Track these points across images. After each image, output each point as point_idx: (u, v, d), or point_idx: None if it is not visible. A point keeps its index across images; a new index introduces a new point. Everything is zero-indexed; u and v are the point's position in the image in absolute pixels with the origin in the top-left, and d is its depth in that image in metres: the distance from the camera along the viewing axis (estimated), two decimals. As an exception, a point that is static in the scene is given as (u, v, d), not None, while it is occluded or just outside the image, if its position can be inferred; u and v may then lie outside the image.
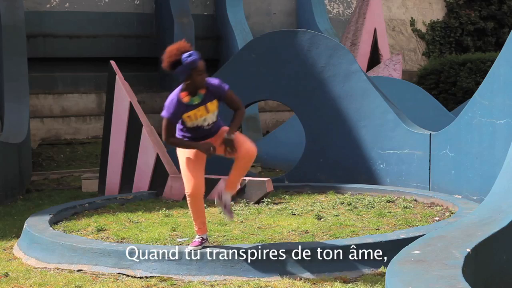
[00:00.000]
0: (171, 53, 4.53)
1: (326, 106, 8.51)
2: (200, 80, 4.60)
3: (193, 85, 4.59)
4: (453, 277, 2.97)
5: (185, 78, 4.56)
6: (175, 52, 4.52)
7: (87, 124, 13.76)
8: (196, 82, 4.59)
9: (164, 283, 4.58)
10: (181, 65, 4.51)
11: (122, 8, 15.47)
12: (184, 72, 4.53)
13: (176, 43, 4.60)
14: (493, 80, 6.37)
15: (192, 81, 4.57)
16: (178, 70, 4.52)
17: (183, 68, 4.51)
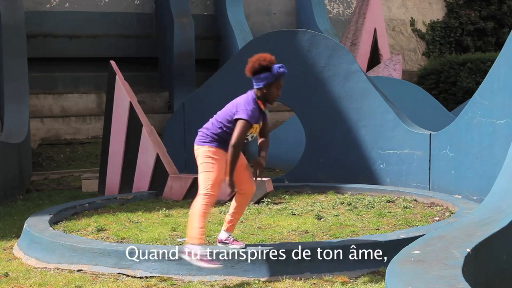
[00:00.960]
0: (265, 57, 4.63)
1: (326, 106, 8.51)
2: (276, 94, 4.67)
3: (268, 96, 4.64)
4: (453, 277, 2.97)
5: (264, 87, 4.59)
6: (268, 59, 4.63)
7: (87, 124, 13.76)
8: (272, 94, 4.64)
9: (164, 283, 4.58)
10: (270, 72, 4.59)
11: (122, 8, 15.47)
12: (269, 80, 4.58)
13: (264, 54, 4.69)
14: (493, 80, 6.37)
15: (268, 92, 4.62)
16: (264, 75, 4.58)
17: (271, 76, 4.58)
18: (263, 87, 4.60)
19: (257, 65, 4.60)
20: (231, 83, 9.29)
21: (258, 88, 4.62)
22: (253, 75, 4.64)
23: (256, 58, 4.63)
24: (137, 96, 10.40)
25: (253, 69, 4.62)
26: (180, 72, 14.49)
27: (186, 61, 14.55)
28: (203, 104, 9.65)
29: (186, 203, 7.48)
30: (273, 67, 4.61)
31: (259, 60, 4.61)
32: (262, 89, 4.61)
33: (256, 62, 4.62)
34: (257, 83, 4.62)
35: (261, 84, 4.60)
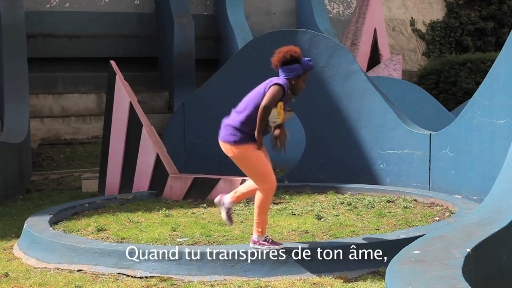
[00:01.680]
0: (296, 50, 4.72)
1: (326, 106, 8.51)
2: (301, 87, 4.78)
3: (294, 87, 4.74)
4: (453, 277, 2.97)
5: (293, 78, 4.69)
6: (299, 51, 4.73)
7: (87, 124, 13.75)
8: (298, 86, 4.75)
9: (164, 283, 4.58)
10: (300, 64, 4.68)
11: (122, 8, 15.47)
12: (297, 71, 4.68)
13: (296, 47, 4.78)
14: (493, 80, 6.37)
15: (296, 83, 4.73)
16: (294, 67, 4.67)
17: (299, 67, 4.68)
18: (292, 78, 4.70)
19: (289, 56, 4.68)
20: (231, 83, 9.29)
21: (287, 78, 4.70)
22: (282, 66, 4.71)
23: (287, 49, 4.72)
24: (137, 96, 10.39)
25: (284, 59, 4.70)
26: (180, 72, 14.49)
27: (186, 61, 14.55)
28: (203, 104, 9.65)
29: (186, 203, 7.49)
30: (303, 59, 4.71)
31: (291, 51, 4.70)
32: (290, 79, 4.70)
33: (287, 53, 4.69)
34: (286, 74, 4.70)
35: (290, 75, 4.69)
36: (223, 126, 4.84)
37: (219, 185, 7.66)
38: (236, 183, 7.49)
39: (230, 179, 7.64)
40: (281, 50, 4.73)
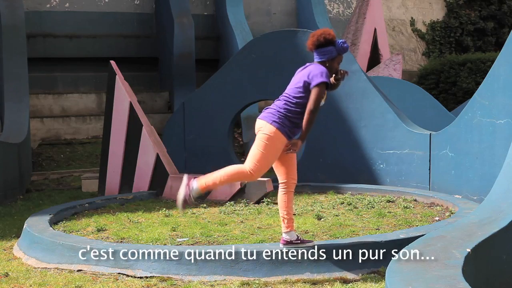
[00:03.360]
0: (329, 32, 4.71)
1: (326, 106, 8.48)
2: (336, 68, 4.77)
3: (328, 69, 4.71)
4: (453, 277, 2.97)
5: (327, 60, 4.69)
6: (332, 33, 4.72)
7: (87, 124, 13.75)
8: (333, 68, 4.74)
9: (164, 283, 4.58)
10: (334, 46, 4.68)
11: (122, 8, 15.46)
12: (333, 53, 4.68)
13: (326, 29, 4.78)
14: (493, 80, 6.37)
15: (331, 65, 4.72)
16: (329, 49, 4.68)
17: (333, 49, 4.68)
18: (326, 60, 4.70)
19: (322, 39, 4.68)
20: (231, 83, 9.29)
21: (321, 61, 4.71)
22: (316, 49, 4.71)
23: (321, 32, 4.72)
24: (137, 96, 10.39)
25: (318, 42, 4.69)
26: (180, 72, 14.48)
27: (186, 61, 14.54)
28: (203, 104, 9.65)
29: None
30: (337, 41, 4.70)
31: (324, 34, 4.70)
32: (325, 62, 4.71)
33: (321, 35, 4.69)
34: (321, 57, 4.71)
35: (324, 57, 4.70)
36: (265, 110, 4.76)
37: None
38: (236, 183, 7.48)
39: (230, 179, 7.63)
40: (315, 33, 4.73)
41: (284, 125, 4.59)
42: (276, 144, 4.58)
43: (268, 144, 4.57)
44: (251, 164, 4.60)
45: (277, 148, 4.60)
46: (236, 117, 9.57)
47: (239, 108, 9.36)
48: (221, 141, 9.41)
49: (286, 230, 4.70)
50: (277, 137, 4.57)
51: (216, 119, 9.49)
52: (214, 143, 9.47)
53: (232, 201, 7.36)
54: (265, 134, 4.58)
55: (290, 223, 4.70)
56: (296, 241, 4.70)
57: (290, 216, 4.71)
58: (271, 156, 4.60)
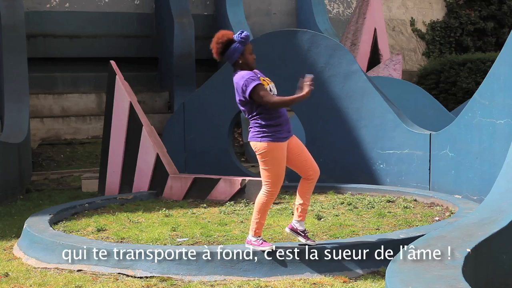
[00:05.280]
0: (221, 35, 4.65)
1: (326, 106, 8.51)
2: (252, 59, 4.74)
3: (245, 65, 4.70)
4: (453, 277, 2.97)
5: (238, 59, 4.66)
6: (225, 34, 4.65)
7: (87, 124, 13.75)
8: (249, 62, 4.72)
9: (164, 283, 4.58)
10: (234, 43, 4.61)
11: (122, 8, 15.46)
12: (237, 50, 4.62)
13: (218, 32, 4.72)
14: (493, 80, 6.37)
15: (244, 61, 4.69)
16: (232, 48, 4.62)
17: (237, 45, 4.62)
18: (237, 59, 4.66)
19: (220, 45, 4.63)
20: (231, 83, 9.27)
21: (235, 63, 4.68)
22: (223, 55, 4.67)
23: (215, 41, 4.65)
24: (137, 96, 10.38)
25: (218, 49, 4.65)
26: (180, 72, 14.48)
27: (186, 61, 14.54)
28: (203, 104, 9.65)
29: (186, 203, 7.49)
30: (235, 37, 4.64)
31: (218, 39, 4.64)
32: (237, 61, 4.67)
33: (218, 44, 4.64)
34: (231, 59, 4.67)
35: (234, 58, 4.66)
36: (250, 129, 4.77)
37: (219, 185, 7.66)
38: (236, 183, 7.49)
39: (230, 179, 7.64)
40: (212, 45, 4.67)
41: (270, 133, 4.60)
42: (275, 155, 4.60)
43: (268, 159, 4.60)
44: (264, 185, 4.66)
45: (279, 157, 4.60)
46: (236, 117, 9.57)
47: (239, 108, 9.34)
48: (221, 141, 9.41)
49: (298, 219, 4.76)
50: (271, 148, 4.59)
51: (216, 119, 9.48)
52: (214, 143, 9.47)
53: (232, 201, 7.36)
54: (261, 152, 4.62)
55: (303, 213, 4.77)
56: (302, 232, 4.74)
57: (305, 207, 4.76)
58: (277, 167, 4.61)
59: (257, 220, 4.68)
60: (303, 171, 4.75)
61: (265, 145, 4.59)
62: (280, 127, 4.62)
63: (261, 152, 4.61)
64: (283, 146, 4.63)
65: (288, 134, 4.67)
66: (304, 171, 4.75)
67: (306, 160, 4.75)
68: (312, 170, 4.74)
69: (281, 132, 4.62)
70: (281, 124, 4.64)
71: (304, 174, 4.76)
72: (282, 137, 4.62)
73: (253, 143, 4.68)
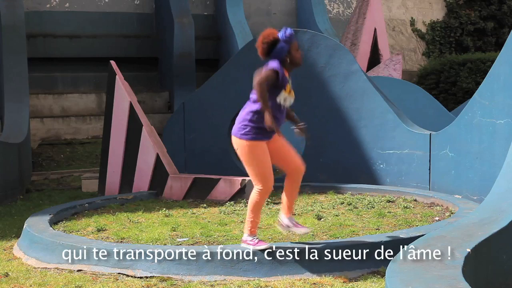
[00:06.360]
0: (267, 34, 4.63)
1: (326, 106, 8.51)
2: (298, 54, 4.68)
3: (293, 61, 4.66)
4: (453, 277, 2.97)
5: (285, 56, 4.61)
6: (270, 33, 4.63)
7: (87, 124, 13.75)
8: (295, 59, 4.67)
9: (164, 283, 4.58)
10: (280, 42, 4.58)
11: (122, 8, 15.46)
12: (284, 49, 4.59)
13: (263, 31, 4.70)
14: (493, 80, 6.37)
15: (291, 58, 4.64)
16: (278, 48, 4.58)
17: (283, 44, 4.59)
18: (285, 57, 4.63)
19: (265, 45, 4.63)
20: (231, 83, 9.28)
21: (282, 61, 4.63)
22: (268, 55, 4.66)
23: (261, 39, 4.66)
24: (137, 96, 10.38)
25: (264, 50, 4.65)
26: (180, 72, 14.49)
27: (186, 61, 14.54)
28: (203, 104, 9.65)
29: (186, 203, 7.49)
30: (280, 35, 4.62)
31: (264, 39, 4.64)
32: (285, 60, 4.64)
33: (264, 44, 4.64)
34: (278, 57, 4.63)
35: (282, 56, 4.62)
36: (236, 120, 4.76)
37: (219, 185, 7.66)
38: (236, 183, 7.49)
39: (230, 179, 7.64)
40: (258, 43, 4.67)
41: (251, 133, 4.60)
42: (256, 152, 4.61)
43: (250, 157, 4.62)
44: (254, 182, 4.68)
45: (260, 154, 4.61)
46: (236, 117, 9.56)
47: (239, 108, 9.25)
48: (221, 141, 9.41)
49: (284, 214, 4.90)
50: (251, 146, 4.60)
51: (216, 119, 9.48)
52: (214, 143, 9.47)
53: (232, 201, 7.36)
54: (238, 149, 4.65)
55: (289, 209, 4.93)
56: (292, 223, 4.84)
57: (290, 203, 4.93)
58: (260, 165, 4.62)
59: (251, 219, 4.71)
60: (286, 166, 4.79)
61: (243, 143, 4.62)
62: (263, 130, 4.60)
63: (239, 149, 4.65)
64: (262, 144, 4.63)
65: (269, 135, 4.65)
66: (286, 166, 4.80)
67: (291, 157, 4.78)
68: (294, 164, 4.79)
69: (263, 134, 4.62)
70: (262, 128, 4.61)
71: (287, 169, 4.80)
72: (265, 137, 4.63)
73: (233, 138, 4.70)
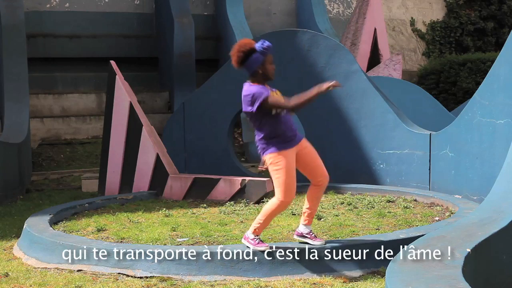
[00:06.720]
0: (244, 43, 4.63)
1: (326, 106, 8.51)
2: (272, 68, 4.69)
3: (266, 74, 4.65)
4: (453, 277, 2.97)
5: (258, 68, 4.61)
6: (248, 43, 4.63)
7: (87, 124, 13.75)
8: (268, 71, 4.66)
9: (164, 283, 4.58)
10: (256, 53, 4.58)
11: (122, 8, 15.46)
12: (258, 59, 4.59)
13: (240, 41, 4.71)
14: (493, 80, 6.37)
15: (264, 70, 4.63)
16: (253, 58, 4.58)
17: (258, 55, 4.58)
18: (257, 69, 4.62)
19: (242, 54, 4.61)
20: (231, 83, 9.28)
21: (254, 71, 4.64)
22: (242, 64, 4.65)
23: (237, 48, 4.63)
24: (137, 96, 10.38)
25: (239, 58, 4.63)
26: (180, 72, 14.48)
27: (186, 61, 14.54)
28: (203, 104, 9.65)
29: (186, 203, 7.49)
30: (257, 46, 4.61)
31: (240, 48, 4.62)
32: (257, 71, 4.63)
33: (239, 52, 4.61)
34: (250, 69, 4.63)
35: (254, 67, 4.61)
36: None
37: (219, 185, 7.66)
38: (236, 183, 7.49)
39: (230, 179, 7.64)
40: (233, 52, 4.65)
41: (275, 144, 4.63)
42: (283, 163, 4.62)
43: (278, 168, 4.62)
44: (276, 193, 4.67)
45: (286, 165, 4.62)
46: (236, 117, 9.57)
47: (239, 108, 9.31)
48: (221, 141, 9.41)
49: (304, 222, 4.82)
50: (279, 158, 4.62)
51: (216, 119, 9.48)
52: (214, 143, 9.47)
53: (232, 201, 7.36)
54: (270, 164, 4.66)
55: (310, 217, 4.83)
56: (308, 234, 4.78)
57: (312, 212, 4.84)
58: (287, 175, 4.63)
59: (261, 221, 4.70)
60: (312, 176, 4.82)
61: (272, 155, 4.64)
62: (283, 136, 4.64)
63: (270, 162, 4.66)
64: (290, 153, 4.65)
65: (294, 141, 4.69)
66: (312, 176, 4.82)
67: (317, 166, 4.81)
68: (321, 176, 4.83)
69: (285, 140, 4.65)
70: (285, 131, 4.66)
71: (313, 179, 4.83)
72: (287, 145, 4.64)
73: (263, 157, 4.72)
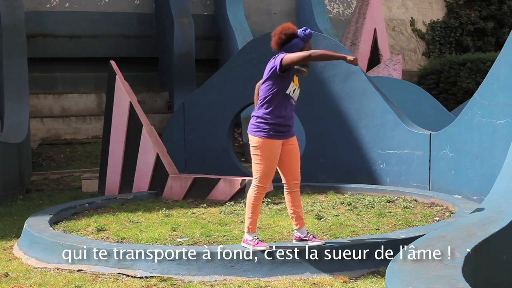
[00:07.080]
0: (288, 27, 4.67)
1: (326, 106, 8.51)
2: None
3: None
4: (453, 277, 2.97)
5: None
6: (291, 27, 4.67)
7: (87, 124, 13.75)
8: None
9: (164, 283, 4.58)
10: (297, 38, 4.63)
11: (122, 8, 15.46)
12: (298, 45, 4.63)
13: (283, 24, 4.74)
14: (493, 80, 6.37)
15: None
16: (293, 43, 4.62)
17: (299, 41, 4.63)
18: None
19: (284, 36, 4.65)
20: (231, 83, 9.29)
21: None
22: (281, 47, 4.68)
23: (279, 30, 4.68)
24: (137, 96, 10.38)
25: (280, 40, 4.67)
26: (180, 72, 14.48)
27: (186, 61, 14.54)
28: (203, 104, 9.65)
29: (186, 203, 7.49)
30: (299, 32, 4.66)
31: (284, 30, 4.66)
32: None
33: (281, 34, 4.66)
34: (289, 52, 4.65)
35: (294, 51, 4.64)
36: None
37: (219, 185, 7.66)
38: (236, 183, 7.49)
39: (230, 179, 7.64)
40: (275, 32, 4.70)
41: (265, 130, 4.65)
42: (267, 150, 4.65)
43: (260, 154, 4.67)
44: (253, 179, 4.72)
45: (271, 153, 4.66)
46: (236, 117, 9.57)
47: (239, 108, 9.36)
48: (221, 141, 9.42)
49: (296, 227, 4.84)
50: (265, 144, 4.65)
51: (216, 119, 9.48)
52: (214, 143, 9.47)
53: (232, 201, 7.37)
54: (253, 146, 4.70)
55: (298, 220, 4.83)
56: (305, 236, 4.79)
57: (298, 214, 4.84)
58: (268, 163, 4.66)
59: (249, 216, 4.75)
60: (285, 175, 4.85)
61: (259, 139, 4.67)
62: (277, 127, 4.67)
63: (253, 145, 4.70)
64: (276, 143, 4.68)
65: (284, 135, 4.71)
66: (286, 175, 4.85)
67: (294, 168, 4.83)
68: (294, 179, 4.84)
69: (277, 131, 4.67)
70: (279, 124, 4.69)
71: (286, 179, 4.86)
72: (277, 136, 4.67)
73: (249, 135, 4.75)
